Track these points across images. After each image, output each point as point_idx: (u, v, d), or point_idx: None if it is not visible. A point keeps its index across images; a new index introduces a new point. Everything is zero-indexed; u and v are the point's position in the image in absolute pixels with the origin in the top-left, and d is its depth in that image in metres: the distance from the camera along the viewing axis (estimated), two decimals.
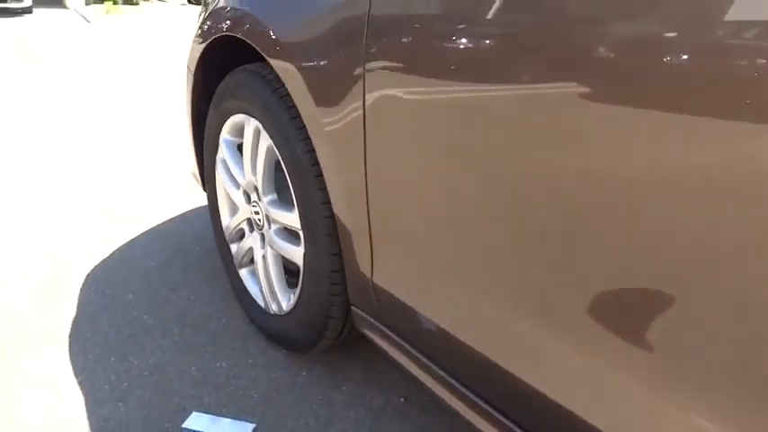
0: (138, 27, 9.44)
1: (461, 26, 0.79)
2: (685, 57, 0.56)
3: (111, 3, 11.48)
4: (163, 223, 2.18)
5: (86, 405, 1.28)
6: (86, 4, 11.50)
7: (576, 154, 0.67)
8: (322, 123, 1.07)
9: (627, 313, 0.67)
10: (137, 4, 12.51)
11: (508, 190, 0.76)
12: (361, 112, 0.97)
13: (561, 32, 0.67)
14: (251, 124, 1.34)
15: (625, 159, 0.62)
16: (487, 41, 0.76)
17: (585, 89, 0.65)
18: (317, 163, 1.14)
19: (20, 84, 4.70)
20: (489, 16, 0.76)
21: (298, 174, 1.20)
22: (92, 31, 8.71)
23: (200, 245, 2.01)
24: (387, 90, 0.92)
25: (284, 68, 1.16)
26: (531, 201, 0.73)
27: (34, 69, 5.39)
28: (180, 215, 2.26)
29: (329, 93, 1.04)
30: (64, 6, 11.49)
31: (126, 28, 9.25)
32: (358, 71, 0.95)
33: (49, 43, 7.14)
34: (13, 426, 1.23)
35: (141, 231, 2.10)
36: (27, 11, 10.26)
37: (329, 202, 1.14)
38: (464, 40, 0.78)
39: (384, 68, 0.92)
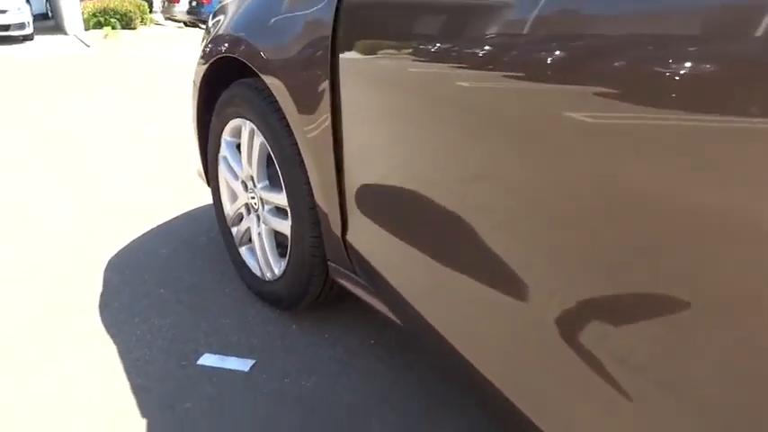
0: (136, 50, 9.83)
1: (421, 53, 1.06)
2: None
3: (110, 28, 11.89)
4: (171, 219, 2.51)
5: (119, 351, 1.61)
6: (85, 30, 11.91)
7: (533, 132, 0.80)
8: (302, 124, 1.41)
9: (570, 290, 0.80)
10: (134, 28, 12.92)
11: (452, 173, 1.00)
12: (329, 114, 1.31)
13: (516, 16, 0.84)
14: (247, 126, 1.68)
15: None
16: (446, 49, 1.00)
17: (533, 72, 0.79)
18: (299, 153, 1.47)
19: (32, 103, 5.04)
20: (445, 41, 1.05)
21: (285, 163, 1.54)
22: (92, 55, 9.08)
23: (204, 236, 2.34)
24: (348, 98, 1.25)
25: (272, 82, 1.49)
26: (472, 179, 0.95)
27: (43, 90, 5.74)
28: (186, 213, 2.59)
29: (306, 101, 1.38)
30: (64, 32, 11.88)
31: (124, 51, 9.63)
32: (324, 85, 1.29)
33: (52, 67, 7.50)
34: (62, 366, 1.55)
35: (153, 226, 2.43)
36: (28, 38, 10.64)
37: (309, 183, 1.47)
38: (419, 61, 1.08)
39: (345, 83, 1.25)
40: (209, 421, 1.35)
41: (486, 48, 0.89)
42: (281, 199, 1.60)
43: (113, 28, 12.07)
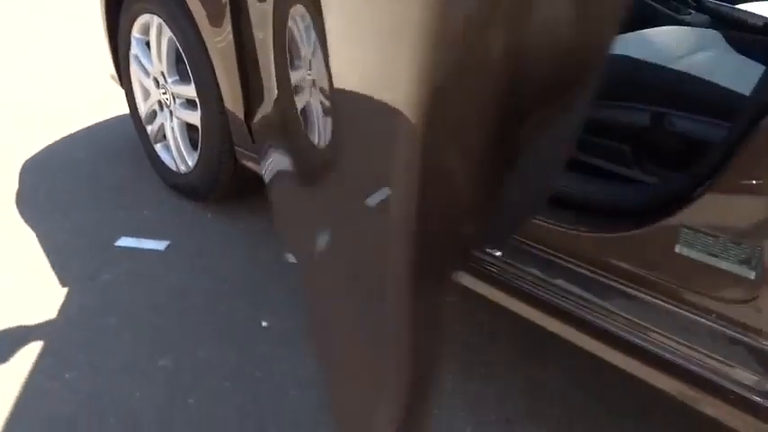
0: None
1: None
2: None
3: None
4: (88, 126, 2.52)
5: (39, 239, 1.69)
6: None
7: None
8: (206, 18, 1.49)
9: None
10: None
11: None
12: (228, 9, 1.40)
13: None
14: (155, 22, 1.73)
15: None
16: None
17: None
18: (206, 49, 1.56)
19: None
20: None
21: (193, 56, 1.62)
22: None
23: (122, 140, 2.38)
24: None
25: None
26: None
27: None
28: (103, 121, 2.60)
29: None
30: None
31: None
32: None
33: None
34: None
35: (70, 132, 2.45)
36: None
37: (216, 75, 1.57)
38: None
39: None
40: (127, 289, 1.48)
41: None
42: (190, 91, 1.68)
43: None
